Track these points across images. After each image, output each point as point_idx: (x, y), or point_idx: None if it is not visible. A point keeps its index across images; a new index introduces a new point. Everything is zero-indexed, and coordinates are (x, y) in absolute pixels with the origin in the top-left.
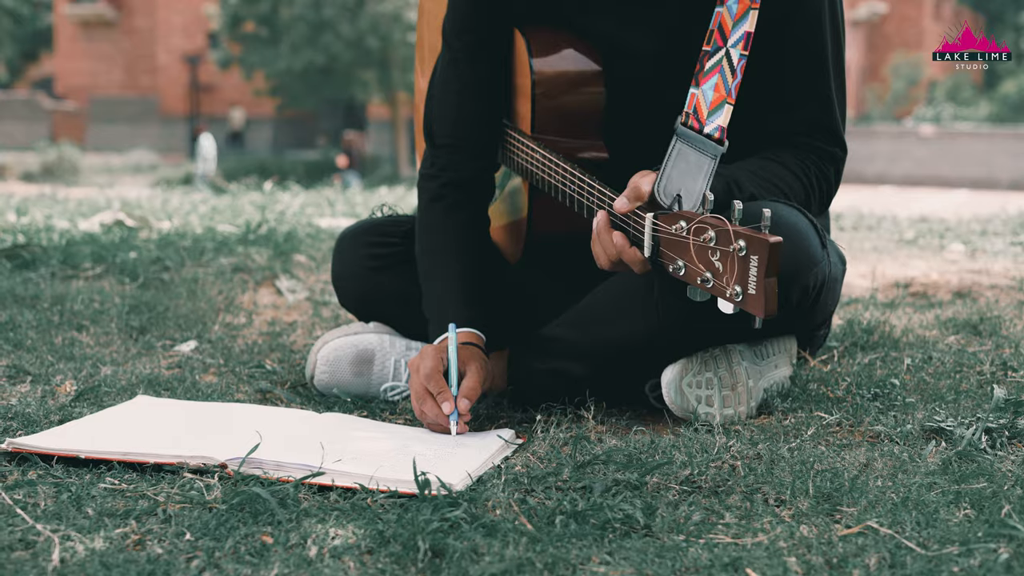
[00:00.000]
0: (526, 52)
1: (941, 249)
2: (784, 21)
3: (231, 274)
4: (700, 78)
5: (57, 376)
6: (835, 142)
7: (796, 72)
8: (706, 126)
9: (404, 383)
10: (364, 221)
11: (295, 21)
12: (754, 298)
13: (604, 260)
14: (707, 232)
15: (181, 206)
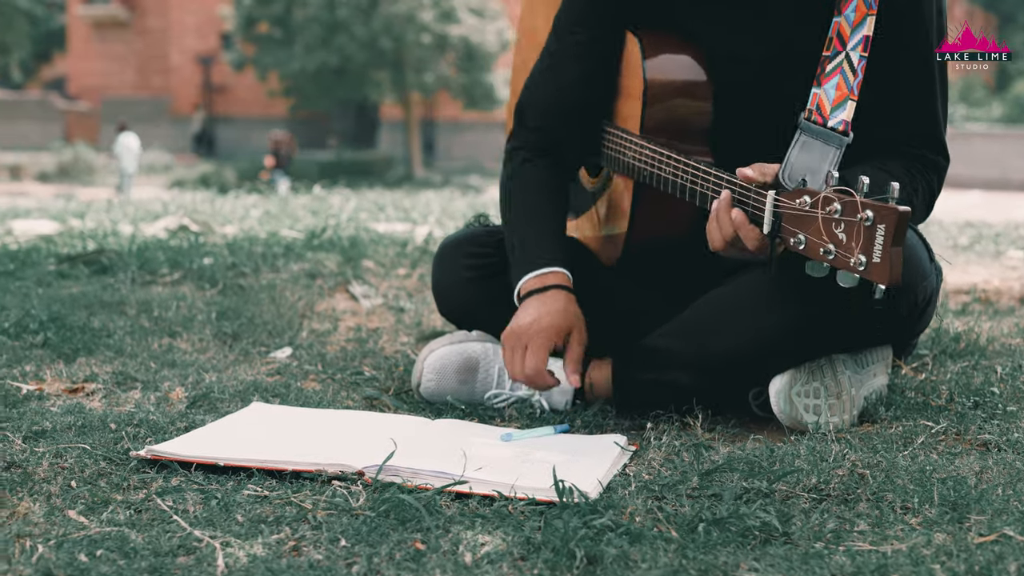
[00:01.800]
0: (639, 55)
1: (999, 255)
2: (896, 32)
3: (306, 280)
4: (822, 79)
5: (165, 383)
6: (940, 151)
7: (907, 83)
8: (830, 120)
9: (508, 390)
10: (462, 231)
11: (309, 22)
12: (879, 266)
13: (719, 240)
14: (833, 204)
15: (235, 210)
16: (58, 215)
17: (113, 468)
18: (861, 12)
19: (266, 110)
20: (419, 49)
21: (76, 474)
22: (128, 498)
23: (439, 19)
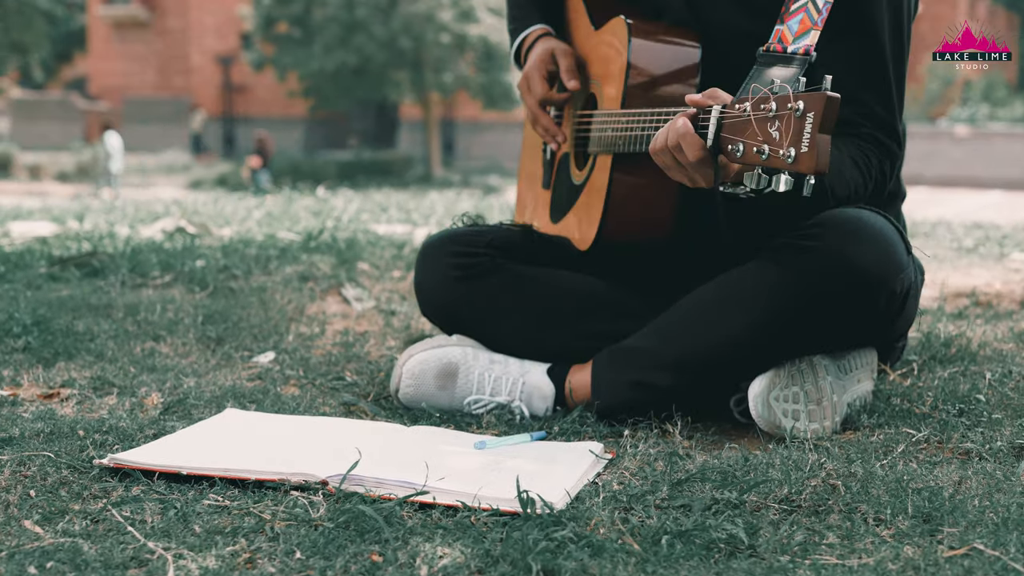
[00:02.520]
0: (625, 37)
1: (1002, 257)
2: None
3: (298, 283)
4: (786, 16)
5: (142, 388)
6: (892, 136)
7: (859, 66)
8: (790, 47)
9: (488, 396)
10: (447, 231)
11: (328, 22)
12: (806, 155)
13: (659, 141)
14: (768, 103)
15: (236, 211)
16: (58, 216)
17: (75, 477)
18: None
19: (286, 110)
20: (438, 49)
21: (37, 483)
22: (86, 508)
23: (458, 18)
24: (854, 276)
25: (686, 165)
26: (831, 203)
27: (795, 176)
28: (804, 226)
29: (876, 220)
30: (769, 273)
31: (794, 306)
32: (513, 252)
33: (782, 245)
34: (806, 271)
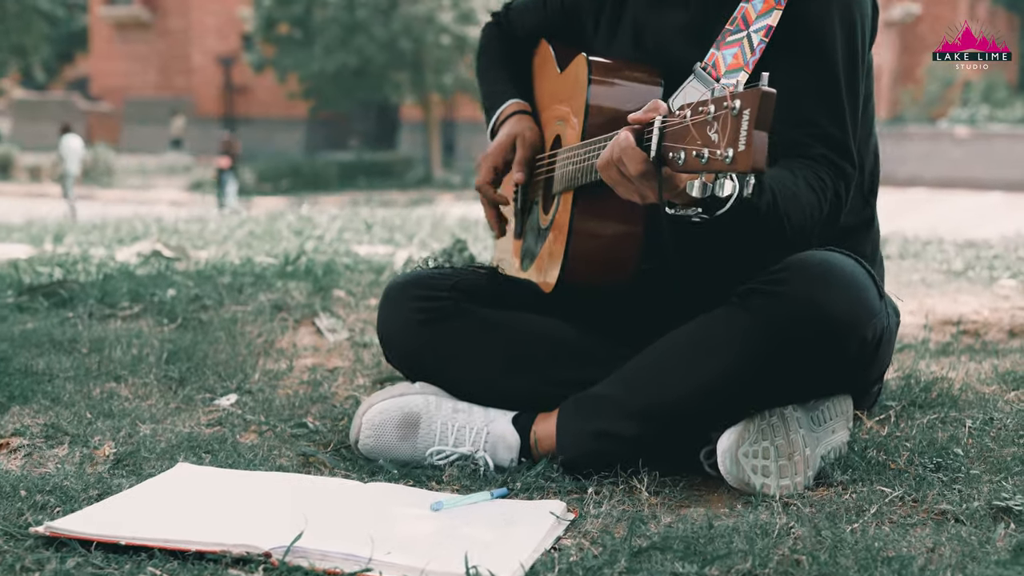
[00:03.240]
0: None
1: (992, 282)
2: (803, 34)
3: (270, 312)
4: (721, 44)
5: (95, 437)
6: (846, 157)
7: (811, 86)
8: (722, 79)
9: (451, 447)
10: (411, 274)
11: (328, 23)
12: (743, 154)
13: (604, 157)
14: (707, 106)
15: (218, 230)
16: (36, 236)
17: (10, 546)
18: (768, 4)
19: (287, 111)
20: (438, 50)
21: None
22: None
23: (458, 20)
24: (823, 323)
25: (631, 179)
26: (787, 229)
27: (737, 178)
28: (771, 270)
29: (846, 264)
30: (736, 320)
31: (762, 354)
32: (478, 295)
33: (749, 291)
34: (774, 318)
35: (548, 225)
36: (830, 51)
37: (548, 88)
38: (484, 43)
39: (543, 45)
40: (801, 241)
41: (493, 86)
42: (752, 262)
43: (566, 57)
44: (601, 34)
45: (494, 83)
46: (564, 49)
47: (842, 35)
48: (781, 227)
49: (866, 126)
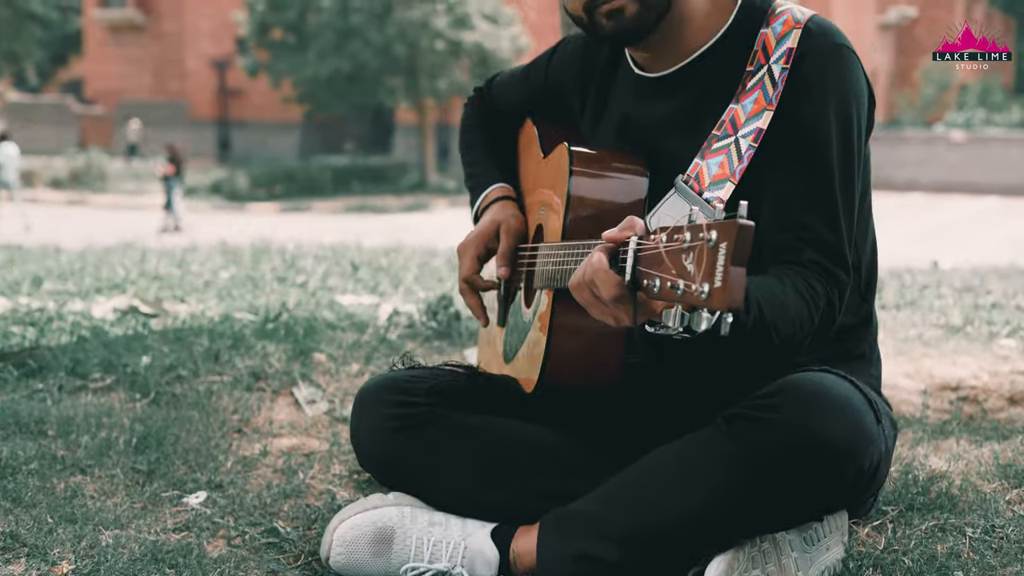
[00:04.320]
0: (567, 166)
1: (991, 338)
2: (796, 134)
3: (248, 380)
4: (706, 153)
5: (55, 549)
6: (840, 264)
7: (804, 189)
8: (705, 192)
9: (426, 563)
10: (384, 377)
11: (322, 28)
12: (719, 291)
13: (576, 277)
14: (683, 234)
15: (201, 273)
16: (11, 286)
17: None
18: (759, 105)
19: (281, 114)
20: (433, 55)
21: None
22: None
23: (453, 25)
24: (819, 450)
25: (604, 302)
26: (775, 340)
27: (712, 313)
28: (762, 394)
29: (841, 388)
30: (724, 445)
31: (752, 481)
32: (456, 399)
33: (738, 415)
34: (765, 444)
35: (530, 320)
36: (825, 151)
37: (532, 171)
38: (467, 118)
39: (528, 125)
40: (791, 351)
41: (476, 167)
42: (741, 365)
43: (551, 141)
44: (587, 118)
45: (477, 163)
46: (549, 130)
47: (838, 133)
48: (769, 339)
49: (863, 221)
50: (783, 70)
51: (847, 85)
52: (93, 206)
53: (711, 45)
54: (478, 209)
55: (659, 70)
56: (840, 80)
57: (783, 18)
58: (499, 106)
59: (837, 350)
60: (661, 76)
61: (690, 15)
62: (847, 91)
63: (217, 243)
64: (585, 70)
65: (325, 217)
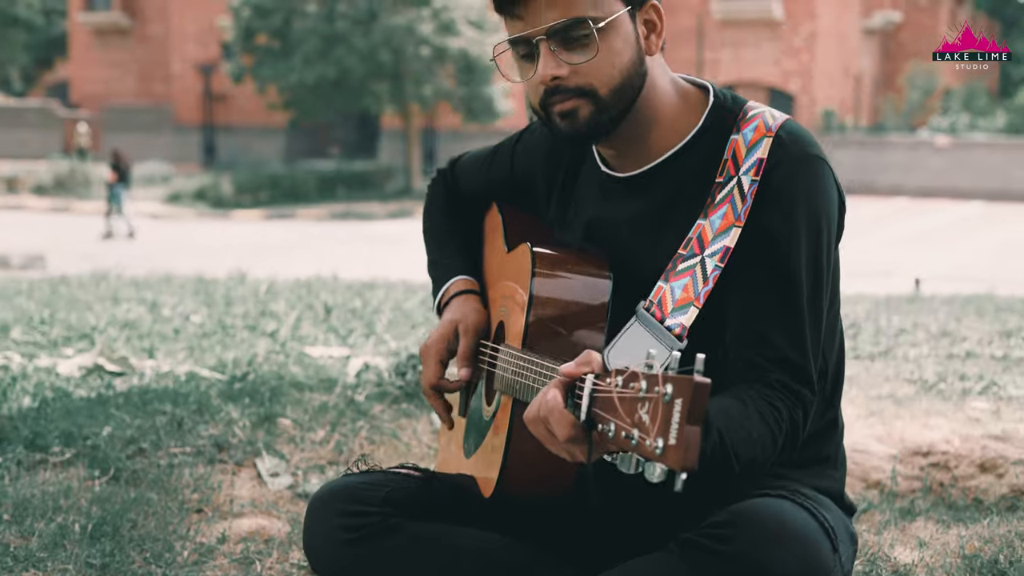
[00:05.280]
0: (529, 268)
1: (964, 396)
2: (764, 250)
3: (210, 452)
4: (671, 276)
5: None
6: (806, 383)
7: (770, 305)
8: (668, 319)
9: None
10: (338, 483)
11: (307, 34)
12: (674, 449)
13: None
14: (639, 382)
15: (171, 318)
16: None
17: None
18: (728, 221)
19: (267, 119)
20: (418, 62)
21: None
22: None
23: (438, 31)
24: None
25: (559, 440)
26: (736, 467)
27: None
28: (717, 521)
29: (798, 517)
30: (679, 571)
31: None
32: (412, 507)
33: (691, 542)
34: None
35: (490, 419)
36: (793, 267)
37: (496, 262)
38: (430, 200)
39: (494, 211)
40: (752, 476)
41: (438, 254)
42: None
43: (515, 235)
44: (553, 208)
45: (440, 250)
46: (515, 222)
47: (807, 248)
48: (730, 466)
49: (831, 326)
50: (753, 182)
51: (818, 198)
52: (77, 213)
53: (680, 148)
54: (439, 302)
55: (626, 170)
56: (811, 193)
57: (754, 124)
58: (462, 190)
59: (803, 455)
60: (628, 177)
61: (658, 117)
62: (817, 205)
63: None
64: (553, 158)
65: (310, 224)
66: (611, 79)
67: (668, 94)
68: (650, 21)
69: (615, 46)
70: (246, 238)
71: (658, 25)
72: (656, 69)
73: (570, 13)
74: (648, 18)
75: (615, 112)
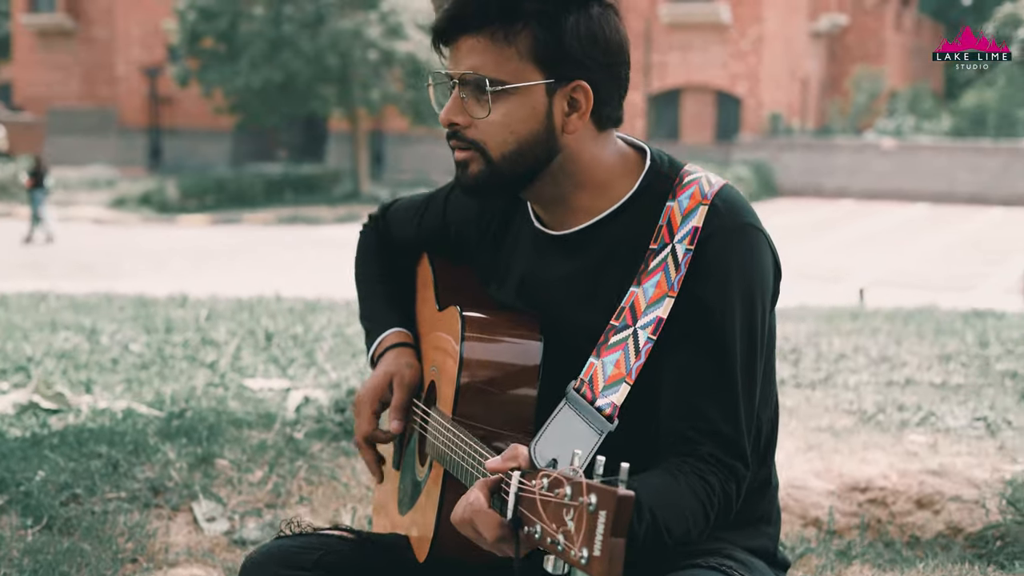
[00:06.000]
0: (459, 332)
1: (902, 428)
2: (698, 321)
3: (146, 496)
4: (602, 350)
5: None
6: (739, 457)
7: (703, 378)
8: (599, 398)
9: None
10: (272, 545)
11: (254, 37)
12: (598, 560)
13: (457, 513)
14: (563, 487)
15: (110, 347)
16: None
17: None
18: (661, 290)
19: (213, 122)
20: (365, 65)
21: None
22: None
23: (386, 35)
24: None
25: (487, 540)
26: (668, 542)
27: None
28: None
29: None
30: None
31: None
32: (345, 571)
33: None
34: None
35: (423, 480)
36: (727, 339)
37: (428, 313)
38: (362, 249)
39: (425, 263)
40: (683, 548)
41: (371, 304)
42: None
43: (446, 291)
44: (485, 259)
45: (372, 300)
46: (446, 276)
47: (741, 319)
48: (662, 542)
49: (766, 387)
50: (687, 251)
51: (753, 269)
52: (20, 218)
53: (613, 211)
54: (373, 355)
55: (558, 227)
56: (745, 265)
57: (690, 191)
58: (394, 237)
59: (737, 516)
60: (559, 235)
61: (585, 181)
62: (752, 275)
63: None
64: (485, 210)
65: (256, 229)
66: (504, 144)
67: (600, 163)
68: (575, 100)
69: (516, 113)
70: (192, 243)
71: (582, 106)
72: (585, 144)
73: (478, 68)
74: (573, 97)
75: (509, 177)
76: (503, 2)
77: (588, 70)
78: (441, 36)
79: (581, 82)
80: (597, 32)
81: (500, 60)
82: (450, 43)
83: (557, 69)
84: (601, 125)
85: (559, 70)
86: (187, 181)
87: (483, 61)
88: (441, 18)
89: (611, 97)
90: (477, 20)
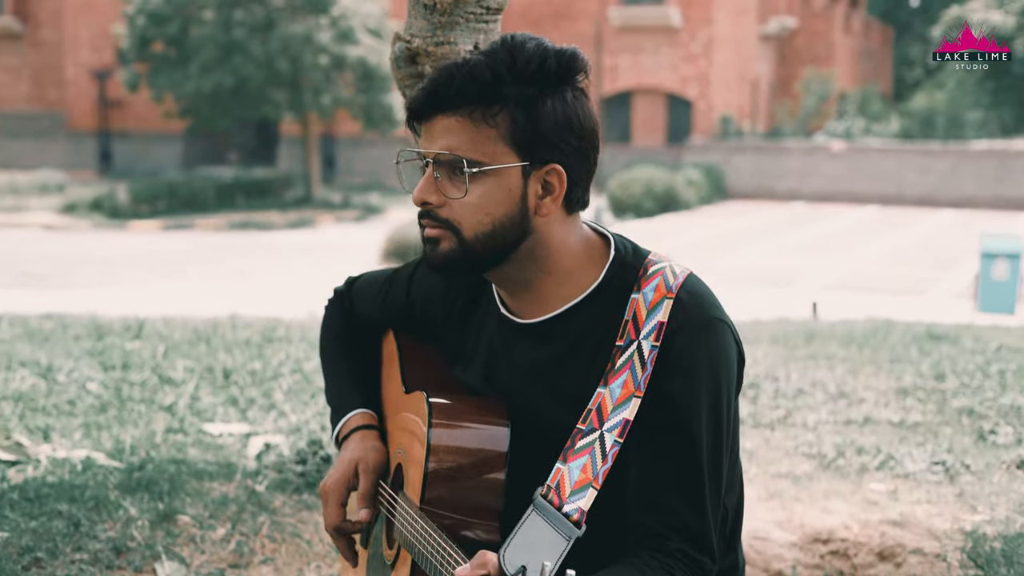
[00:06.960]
0: (425, 419)
1: (862, 473)
2: (665, 415)
3: (108, 557)
4: (569, 455)
5: None
6: (705, 551)
7: (670, 473)
8: (566, 504)
9: None
10: None
11: (204, 42)
12: None
13: None
14: None
15: (67, 386)
16: None
17: None
18: (627, 390)
19: (164, 125)
20: (316, 70)
21: None
22: None
23: (336, 40)
24: None
25: None
26: None
27: None
28: None
29: None
30: None
31: None
32: None
33: None
34: None
35: (391, 564)
36: (695, 434)
37: (395, 393)
38: (327, 324)
39: (390, 340)
40: None
41: (335, 382)
42: None
43: (412, 372)
44: (451, 339)
45: (336, 378)
46: (412, 355)
47: (708, 412)
48: None
49: (730, 472)
50: (653, 348)
51: (719, 363)
52: None
53: (579, 302)
54: (338, 435)
55: (523, 315)
56: (712, 359)
57: (654, 283)
58: (359, 313)
59: None
60: (524, 324)
61: (551, 269)
62: (718, 368)
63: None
64: (451, 288)
65: (208, 234)
66: (479, 224)
67: (567, 248)
68: (549, 183)
69: (493, 195)
70: (144, 249)
71: (556, 189)
72: (555, 227)
73: (454, 149)
74: (547, 180)
75: (480, 257)
76: (483, 84)
77: (562, 153)
78: (417, 114)
79: (555, 165)
80: (572, 117)
81: (477, 141)
82: (424, 121)
83: (533, 152)
84: (571, 208)
85: (535, 153)
86: (138, 186)
87: (459, 141)
88: (418, 97)
89: (582, 180)
90: (456, 100)
